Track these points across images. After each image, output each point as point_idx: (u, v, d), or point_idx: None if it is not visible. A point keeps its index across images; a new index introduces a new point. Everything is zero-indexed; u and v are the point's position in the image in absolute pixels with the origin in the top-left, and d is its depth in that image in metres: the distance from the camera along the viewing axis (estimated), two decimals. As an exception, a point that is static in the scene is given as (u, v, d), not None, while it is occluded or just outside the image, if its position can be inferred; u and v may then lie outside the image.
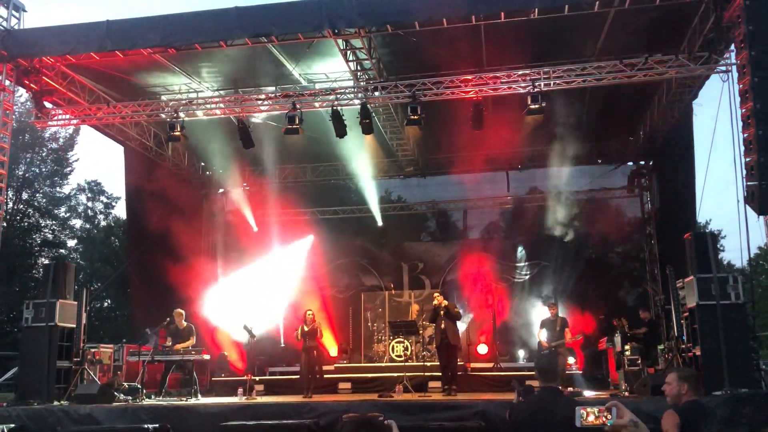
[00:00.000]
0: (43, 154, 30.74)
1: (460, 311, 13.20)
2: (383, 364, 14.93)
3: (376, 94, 13.00)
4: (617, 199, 17.81)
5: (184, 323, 12.70)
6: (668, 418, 4.36)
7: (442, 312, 12.22)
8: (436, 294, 13.28)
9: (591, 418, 2.99)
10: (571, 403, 3.98)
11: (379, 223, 18.17)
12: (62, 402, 10.92)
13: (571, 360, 13.48)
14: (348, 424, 3.00)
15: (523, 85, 12.26)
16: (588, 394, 11.59)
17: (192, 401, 11.08)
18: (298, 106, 12.91)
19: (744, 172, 10.34)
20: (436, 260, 18.03)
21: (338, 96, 13.06)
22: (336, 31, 11.47)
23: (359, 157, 16.02)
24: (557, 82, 12.20)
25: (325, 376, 13.74)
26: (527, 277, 17.02)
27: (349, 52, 12.28)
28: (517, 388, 9.11)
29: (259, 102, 13.42)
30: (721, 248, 31.61)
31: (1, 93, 12.47)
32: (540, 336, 12.73)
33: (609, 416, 2.96)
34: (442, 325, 12.16)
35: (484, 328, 16.34)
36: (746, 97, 10.25)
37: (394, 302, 16.82)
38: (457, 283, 16.89)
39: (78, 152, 31.29)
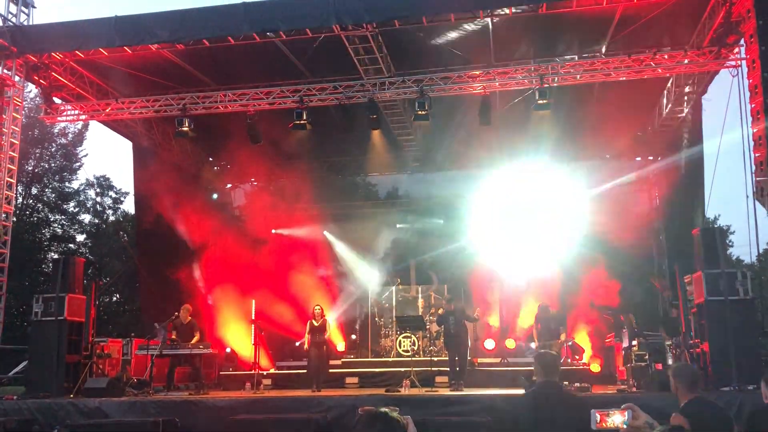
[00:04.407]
0: (53, 150, 30.84)
1: (472, 314, 13.06)
2: (390, 359, 14.93)
3: (384, 89, 12.99)
4: (625, 194, 17.70)
5: (189, 318, 12.73)
6: (675, 421, 4.08)
7: (451, 317, 12.25)
8: (443, 302, 13.02)
9: (606, 420, 3.00)
10: (574, 397, 3.94)
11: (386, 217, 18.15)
12: (71, 396, 10.98)
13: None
14: (363, 417, 2.95)
15: (531, 80, 12.24)
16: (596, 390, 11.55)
17: (200, 396, 11.12)
18: (305, 101, 12.94)
19: (753, 167, 10.30)
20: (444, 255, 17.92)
21: (345, 91, 13.06)
22: (343, 26, 11.48)
23: (366, 152, 16.01)
24: (565, 77, 12.16)
25: (333, 370, 13.81)
26: (536, 272, 16.90)
27: (356, 47, 12.27)
28: (524, 383, 9.13)
29: (267, 98, 13.42)
30: (730, 244, 31.34)
31: (10, 89, 12.54)
32: (534, 332, 12.65)
33: (624, 418, 2.97)
34: (451, 324, 12.20)
35: (490, 324, 16.31)
36: (756, 92, 10.20)
37: (401, 297, 16.78)
38: (467, 279, 16.80)
39: (87, 148, 31.25)
